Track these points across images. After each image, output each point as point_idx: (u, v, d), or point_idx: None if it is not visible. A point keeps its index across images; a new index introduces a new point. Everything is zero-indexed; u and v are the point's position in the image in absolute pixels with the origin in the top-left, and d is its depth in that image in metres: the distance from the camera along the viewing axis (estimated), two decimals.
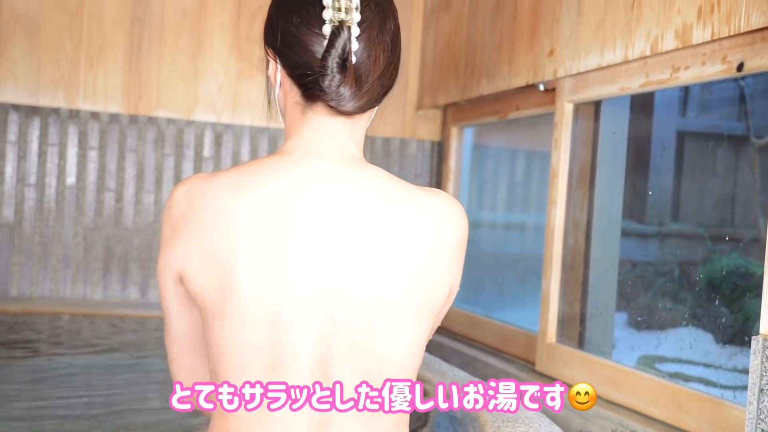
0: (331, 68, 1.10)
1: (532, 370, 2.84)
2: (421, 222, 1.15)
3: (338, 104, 1.12)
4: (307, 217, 1.11)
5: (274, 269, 1.09)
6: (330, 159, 1.15)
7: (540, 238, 3.07)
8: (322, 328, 1.11)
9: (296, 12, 1.13)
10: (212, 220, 1.10)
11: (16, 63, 3.62)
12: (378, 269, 1.12)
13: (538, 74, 2.83)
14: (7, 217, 3.63)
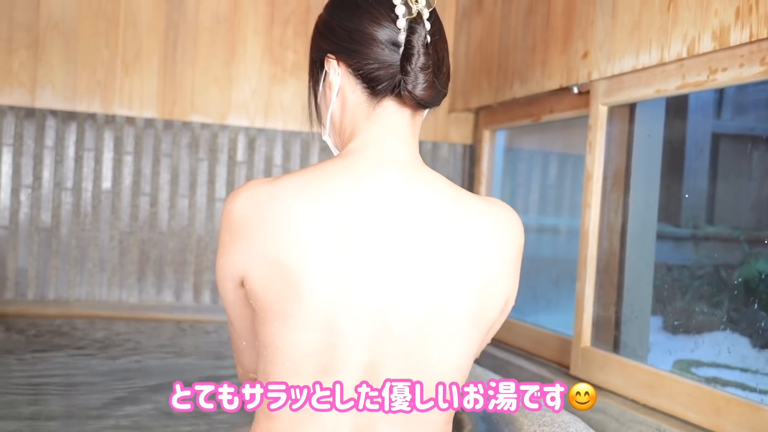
0: (417, 50, 1.14)
1: (566, 374, 2.83)
2: (480, 232, 1.15)
3: (416, 89, 1.15)
4: (371, 223, 1.11)
5: (337, 274, 1.10)
6: (395, 162, 1.16)
7: (573, 242, 3.05)
8: (376, 335, 1.11)
9: (364, 12, 1.17)
10: (279, 223, 1.11)
11: (54, 69, 3.67)
12: (436, 279, 1.12)
13: (571, 77, 2.81)
14: (44, 222, 3.68)
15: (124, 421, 2.24)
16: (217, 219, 3.87)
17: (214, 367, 2.95)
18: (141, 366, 2.86)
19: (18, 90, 3.64)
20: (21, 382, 2.56)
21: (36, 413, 2.25)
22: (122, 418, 2.26)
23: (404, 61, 1.14)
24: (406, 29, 1.15)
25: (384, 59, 1.15)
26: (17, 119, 3.65)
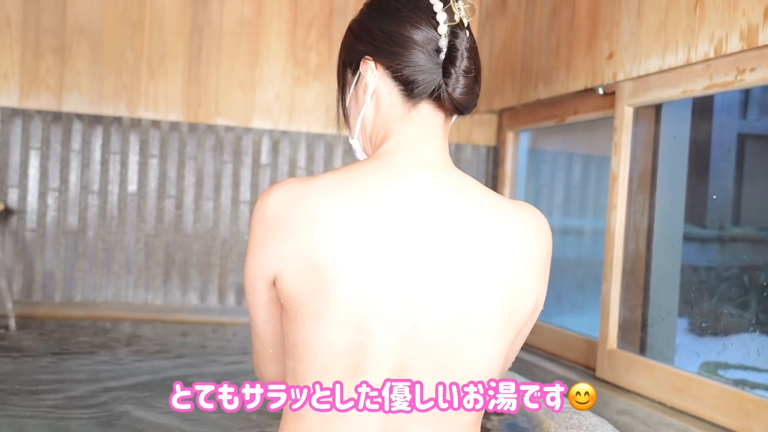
0: (461, 53, 1.16)
1: (592, 376, 2.81)
2: (510, 235, 1.15)
3: (455, 92, 1.16)
4: (404, 224, 1.12)
5: (369, 274, 1.10)
6: (428, 164, 1.17)
7: (598, 243, 3.04)
8: (406, 336, 1.11)
9: (405, 16, 1.18)
10: (313, 221, 1.11)
11: (80, 73, 3.71)
12: (467, 282, 1.12)
13: (597, 78, 2.80)
14: (71, 224, 3.72)
15: (145, 422, 2.26)
16: (241, 221, 3.89)
17: (239, 367, 2.97)
18: (165, 366, 2.88)
19: (45, 94, 3.67)
20: (48, 382, 2.58)
21: (63, 415, 2.28)
22: (143, 420, 2.27)
23: (448, 64, 1.16)
24: (448, 34, 1.16)
25: (423, 63, 1.16)
26: (44, 123, 3.68)
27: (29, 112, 3.67)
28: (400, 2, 1.19)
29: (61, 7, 3.68)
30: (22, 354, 2.91)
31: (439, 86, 1.17)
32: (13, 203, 3.66)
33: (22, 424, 2.17)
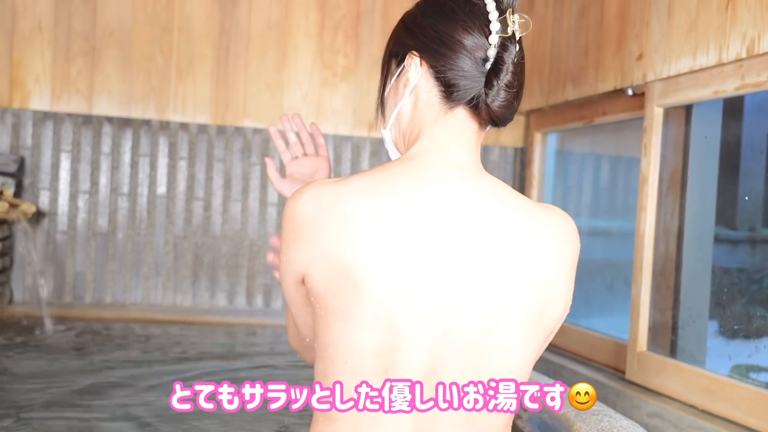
0: (507, 67, 1.15)
1: (622, 378, 2.80)
2: (541, 239, 1.15)
3: (498, 108, 1.16)
4: (434, 227, 1.12)
5: (398, 276, 1.10)
6: (459, 167, 1.17)
7: (627, 245, 3.02)
8: (437, 338, 1.12)
9: (459, 19, 1.17)
10: (342, 222, 1.11)
11: (110, 77, 3.74)
12: (498, 284, 1.12)
13: (626, 79, 2.79)
14: (101, 226, 3.76)
15: (176, 424, 2.28)
16: (269, 223, 3.91)
17: (267, 369, 2.98)
18: (194, 368, 2.90)
19: (76, 97, 3.71)
20: (81, 383, 2.61)
21: (95, 416, 2.30)
22: (174, 421, 2.29)
23: (492, 75, 1.15)
24: (498, 45, 1.15)
25: (468, 69, 1.16)
26: (75, 126, 3.72)
27: (60, 115, 3.71)
28: (457, 3, 1.19)
29: (92, 11, 3.72)
30: (57, 355, 2.94)
31: (479, 95, 1.17)
32: (44, 206, 3.70)
33: (57, 426, 2.19)
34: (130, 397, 2.49)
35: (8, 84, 3.66)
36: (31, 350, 2.98)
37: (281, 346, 3.36)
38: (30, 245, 3.56)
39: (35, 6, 3.67)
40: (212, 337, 3.45)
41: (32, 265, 3.59)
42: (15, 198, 3.45)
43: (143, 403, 2.43)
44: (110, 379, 2.69)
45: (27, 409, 2.29)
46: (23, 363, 2.81)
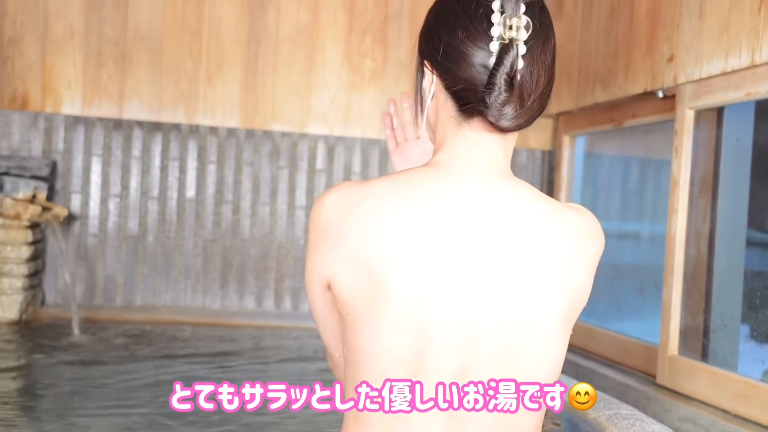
0: (499, 85, 1.10)
1: (653, 383, 2.78)
2: (568, 238, 1.15)
3: (499, 121, 1.11)
4: (459, 228, 1.11)
5: (425, 278, 1.10)
6: (483, 172, 1.16)
7: (657, 248, 3.00)
8: (467, 340, 1.11)
9: (462, 26, 1.13)
10: (367, 227, 1.11)
11: (140, 81, 3.78)
12: (527, 285, 1.12)
13: (656, 81, 2.77)
14: (132, 229, 3.79)
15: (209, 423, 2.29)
16: (297, 226, 3.92)
17: (300, 371, 3.00)
18: (227, 371, 2.91)
19: (107, 102, 3.75)
20: (113, 385, 2.63)
21: (127, 420, 2.32)
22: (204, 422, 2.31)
23: (486, 96, 1.11)
24: (497, 54, 1.10)
25: (473, 80, 1.12)
26: (106, 130, 3.76)
27: (91, 119, 3.75)
28: (463, 7, 1.14)
29: (122, 16, 3.76)
30: (89, 357, 2.97)
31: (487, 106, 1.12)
32: (75, 209, 3.74)
33: (89, 428, 2.21)
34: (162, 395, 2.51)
35: (41, 89, 3.71)
36: (63, 352, 3.01)
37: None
38: (61, 248, 3.60)
39: (67, 12, 3.72)
40: (243, 339, 3.46)
41: (64, 267, 3.63)
42: (47, 201, 3.49)
43: None
44: (143, 380, 2.71)
45: (61, 410, 2.32)
46: (55, 365, 2.84)
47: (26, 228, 3.33)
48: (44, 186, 3.42)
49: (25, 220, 3.30)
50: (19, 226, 3.30)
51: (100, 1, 3.74)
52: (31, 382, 2.69)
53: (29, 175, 3.43)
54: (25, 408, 2.39)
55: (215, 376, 2.84)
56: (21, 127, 3.69)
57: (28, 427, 2.18)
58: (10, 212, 3.26)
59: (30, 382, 2.69)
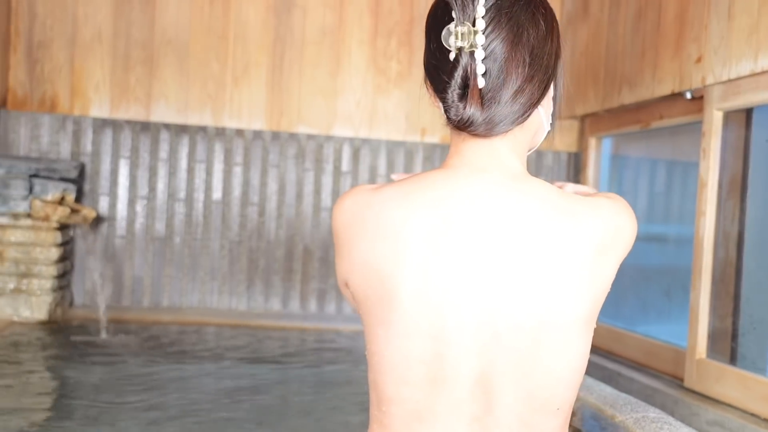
0: (452, 96, 1.10)
1: (680, 386, 2.76)
2: (586, 236, 1.12)
3: (467, 129, 1.11)
4: (471, 230, 1.11)
5: (439, 282, 1.09)
6: (493, 173, 1.14)
7: (684, 250, 2.98)
8: (485, 343, 1.10)
9: (434, 38, 1.13)
10: (377, 231, 1.12)
11: (167, 84, 3.81)
12: (545, 286, 1.10)
13: (684, 82, 2.75)
14: (159, 231, 3.82)
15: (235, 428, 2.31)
16: (322, 228, 3.94)
17: (331, 373, 3.00)
18: (252, 373, 2.93)
19: (134, 105, 3.79)
20: (140, 386, 2.65)
21: (155, 420, 2.34)
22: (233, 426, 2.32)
23: (448, 107, 1.11)
24: (452, 61, 1.10)
25: (443, 88, 1.12)
26: (133, 133, 3.80)
27: (119, 122, 3.78)
28: (435, 17, 1.15)
29: (150, 20, 3.79)
30: (117, 357, 3.00)
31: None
32: (103, 211, 3.77)
33: (117, 428, 2.24)
34: (191, 393, 2.53)
35: (69, 92, 3.75)
36: (91, 353, 3.04)
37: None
38: (90, 250, 3.63)
39: (96, 15, 3.76)
40: (270, 340, 3.48)
41: (92, 269, 3.66)
42: (76, 203, 3.53)
43: (212, 406, 2.46)
44: (171, 381, 2.73)
45: (88, 409, 2.34)
46: (84, 365, 2.87)
47: (55, 229, 3.37)
48: (73, 188, 3.46)
49: (54, 221, 3.34)
50: (48, 227, 3.34)
51: (128, 5, 3.78)
52: (60, 382, 2.72)
53: (58, 177, 3.47)
54: (54, 407, 2.42)
55: (268, 377, 2.85)
56: (50, 129, 3.74)
57: (58, 426, 2.21)
58: (39, 214, 3.30)
59: (59, 382, 2.72)
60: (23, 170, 3.35)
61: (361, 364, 3.15)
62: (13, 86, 3.71)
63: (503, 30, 1.10)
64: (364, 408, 1.22)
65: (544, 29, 1.14)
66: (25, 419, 2.22)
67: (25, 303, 3.34)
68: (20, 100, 3.72)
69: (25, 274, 3.33)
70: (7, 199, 3.29)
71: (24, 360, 2.84)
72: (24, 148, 3.72)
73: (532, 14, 1.13)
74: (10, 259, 3.32)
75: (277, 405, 2.57)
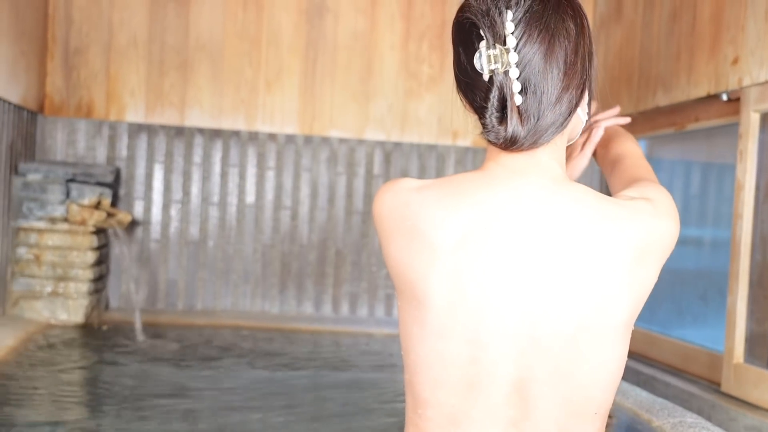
0: (491, 120, 1.09)
1: (717, 391, 2.72)
2: (627, 241, 1.11)
3: (510, 149, 1.11)
4: (511, 233, 1.10)
5: (475, 285, 1.09)
6: (532, 177, 1.13)
7: (720, 254, 2.94)
8: (523, 348, 1.09)
9: (463, 52, 1.13)
10: (412, 231, 1.12)
11: (201, 90, 3.85)
12: (584, 291, 1.09)
13: (720, 84, 2.72)
14: (193, 235, 3.85)
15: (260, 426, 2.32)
16: (354, 232, 3.94)
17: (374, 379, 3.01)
18: (284, 376, 2.94)
19: (169, 110, 3.82)
20: (175, 389, 2.68)
21: (187, 422, 2.35)
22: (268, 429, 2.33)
23: (485, 123, 1.10)
24: (487, 81, 1.08)
25: (477, 104, 1.11)
26: (168, 138, 3.83)
27: (154, 127, 3.82)
28: (464, 27, 1.13)
29: (184, 26, 3.83)
30: (153, 360, 3.03)
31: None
32: (138, 215, 3.82)
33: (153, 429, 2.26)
34: (226, 395, 2.54)
35: (105, 98, 3.80)
36: (127, 355, 3.07)
37: None
38: (125, 253, 3.67)
39: (131, 21, 3.80)
40: (301, 344, 3.49)
41: (127, 272, 3.70)
42: (111, 207, 3.57)
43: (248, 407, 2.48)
44: (204, 384, 2.75)
45: (125, 411, 2.36)
46: (120, 367, 2.90)
47: (91, 233, 3.41)
48: (109, 192, 3.50)
49: (91, 225, 3.38)
50: (84, 231, 3.38)
51: (162, 12, 3.82)
52: (95, 384, 2.75)
53: (94, 182, 3.51)
54: (88, 409, 2.45)
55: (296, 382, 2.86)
56: (86, 134, 3.79)
57: (92, 427, 2.23)
58: (76, 218, 3.34)
59: (94, 384, 2.75)
60: (60, 175, 3.40)
61: (393, 369, 3.15)
62: (50, 92, 3.77)
63: (535, 43, 1.08)
64: (394, 413, 1.22)
65: (574, 32, 1.12)
66: (60, 420, 2.25)
67: (62, 306, 3.39)
68: (57, 106, 3.77)
69: (62, 277, 3.38)
70: (44, 203, 3.34)
71: (61, 362, 2.87)
72: (61, 153, 3.77)
73: (561, 19, 1.12)
74: (48, 263, 3.36)
75: (310, 408, 2.58)
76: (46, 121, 3.76)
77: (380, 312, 3.97)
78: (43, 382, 2.60)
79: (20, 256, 3.36)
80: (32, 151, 3.65)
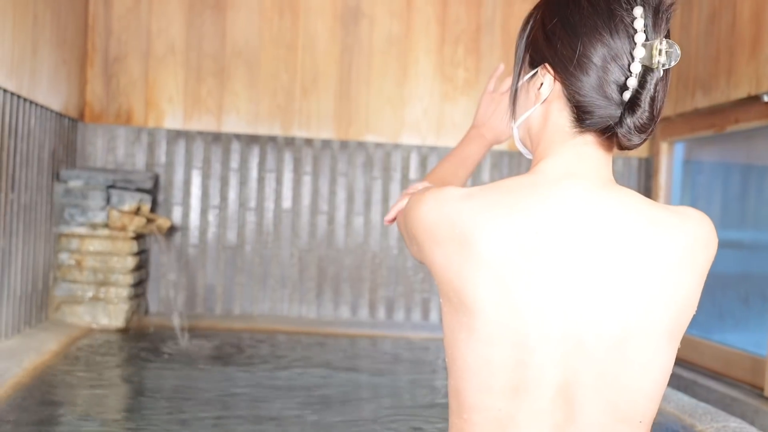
0: (643, 109, 1.07)
1: (760, 395, 2.69)
2: (675, 248, 1.11)
3: (630, 141, 1.10)
4: (560, 241, 1.10)
5: (523, 291, 1.08)
6: (586, 182, 1.13)
7: (761, 257, 2.90)
8: (569, 353, 1.09)
9: (602, 42, 1.09)
10: (461, 239, 1.12)
11: (238, 96, 3.88)
12: (631, 296, 1.09)
13: (761, 84, 2.69)
14: (230, 240, 3.88)
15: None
16: (390, 236, 3.95)
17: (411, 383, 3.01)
18: (322, 381, 2.95)
19: (206, 116, 3.86)
20: (214, 393, 2.70)
21: (226, 426, 2.37)
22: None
23: (626, 115, 1.08)
24: (641, 75, 1.07)
25: (604, 97, 1.09)
26: (205, 144, 3.87)
27: (192, 133, 3.86)
28: (600, 16, 1.09)
29: (221, 33, 3.86)
30: (193, 363, 3.05)
31: (613, 126, 1.10)
32: (176, 220, 3.85)
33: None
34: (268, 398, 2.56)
35: (144, 105, 3.84)
36: (168, 359, 3.11)
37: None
38: (164, 258, 3.71)
39: (168, 29, 3.85)
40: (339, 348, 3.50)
41: (166, 277, 3.74)
42: (151, 213, 3.61)
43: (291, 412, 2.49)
44: (243, 387, 2.77)
45: (163, 416, 2.39)
46: (161, 370, 2.93)
47: (131, 239, 3.45)
48: (148, 198, 3.54)
49: (131, 231, 3.42)
50: (124, 237, 3.43)
51: (199, 19, 3.86)
52: (135, 388, 2.78)
53: (134, 188, 3.55)
54: (128, 411, 2.48)
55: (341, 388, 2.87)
56: (126, 141, 3.83)
57: (136, 427, 2.26)
58: (116, 224, 3.39)
59: (134, 388, 2.78)
60: (101, 181, 3.45)
61: (435, 373, 3.15)
62: (91, 100, 3.82)
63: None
64: (437, 418, 1.22)
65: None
66: (101, 422, 2.28)
67: (103, 311, 3.43)
68: (97, 114, 3.83)
69: (103, 282, 3.42)
70: (85, 209, 3.39)
71: (102, 366, 2.91)
72: (101, 159, 3.82)
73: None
74: (89, 268, 3.41)
75: (347, 412, 2.58)
76: (86, 128, 3.81)
77: (417, 316, 3.97)
78: (83, 385, 2.64)
79: (62, 262, 3.41)
80: (73, 158, 3.70)
